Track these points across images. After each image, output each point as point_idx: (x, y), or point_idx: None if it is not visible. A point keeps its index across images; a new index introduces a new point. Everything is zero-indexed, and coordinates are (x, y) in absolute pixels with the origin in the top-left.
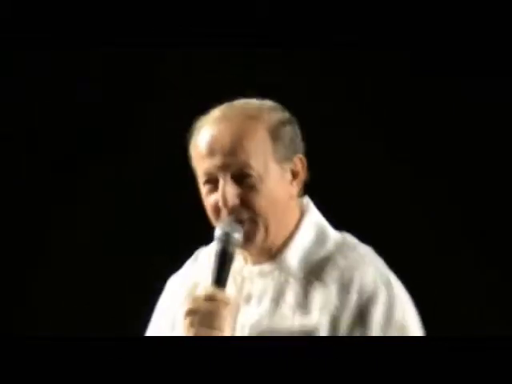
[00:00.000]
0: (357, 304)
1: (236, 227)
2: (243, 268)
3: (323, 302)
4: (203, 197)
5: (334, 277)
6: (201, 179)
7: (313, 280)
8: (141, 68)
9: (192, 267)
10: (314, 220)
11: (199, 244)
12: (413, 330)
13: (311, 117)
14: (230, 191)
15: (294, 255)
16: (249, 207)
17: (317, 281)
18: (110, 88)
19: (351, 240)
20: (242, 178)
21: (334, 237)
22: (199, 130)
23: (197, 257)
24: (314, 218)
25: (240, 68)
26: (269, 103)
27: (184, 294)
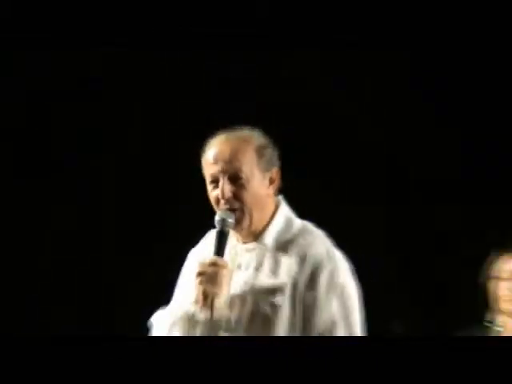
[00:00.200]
0: (310, 271)
1: (230, 214)
2: (236, 246)
3: (288, 269)
4: (209, 192)
5: (295, 252)
6: (208, 180)
7: (281, 254)
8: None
9: (203, 243)
10: (284, 212)
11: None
12: (350, 291)
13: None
14: (226, 188)
15: (269, 237)
16: (239, 200)
17: (284, 255)
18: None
19: (310, 227)
20: (235, 180)
21: (297, 224)
22: (209, 147)
23: (207, 237)
24: (284, 211)
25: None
26: (257, 132)
27: (197, 263)
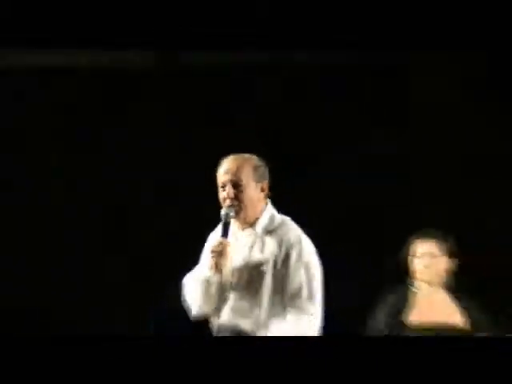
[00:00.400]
0: (285, 251)
1: (231, 209)
2: (236, 232)
3: (270, 250)
4: (219, 194)
5: (276, 238)
6: (219, 186)
7: (267, 239)
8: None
9: (215, 232)
10: (270, 210)
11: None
12: (312, 266)
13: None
14: (230, 191)
15: (259, 227)
16: (238, 200)
17: (268, 239)
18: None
19: (287, 220)
20: (236, 186)
21: (278, 219)
22: (222, 164)
23: (217, 228)
24: (270, 209)
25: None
26: (255, 157)
27: (211, 244)
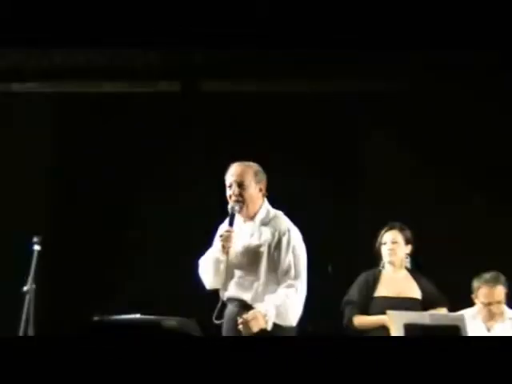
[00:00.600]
0: (277, 239)
1: (236, 204)
2: (240, 223)
3: (266, 238)
4: (227, 192)
5: (270, 228)
6: (227, 186)
7: (263, 229)
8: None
9: (224, 223)
10: (266, 206)
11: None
12: (299, 250)
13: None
14: (236, 190)
15: (257, 219)
16: (242, 197)
17: (265, 229)
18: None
19: (279, 214)
20: (240, 186)
21: (272, 212)
22: (230, 168)
23: (226, 221)
24: (266, 205)
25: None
26: (256, 164)
27: (220, 231)
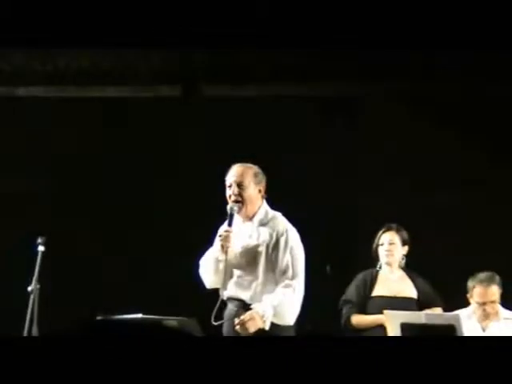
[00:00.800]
0: (275, 239)
1: (235, 205)
2: (239, 223)
3: (264, 238)
4: (227, 192)
5: (269, 229)
6: (227, 186)
7: (262, 229)
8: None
9: (224, 224)
10: (265, 207)
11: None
12: (296, 250)
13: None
14: (235, 190)
15: (256, 219)
16: (241, 197)
17: (263, 229)
18: None
19: (277, 215)
20: (240, 186)
21: (271, 213)
22: (230, 169)
23: (226, 221)
24: (265, 206)
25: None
26: (255, 166)
27: (220, 231)
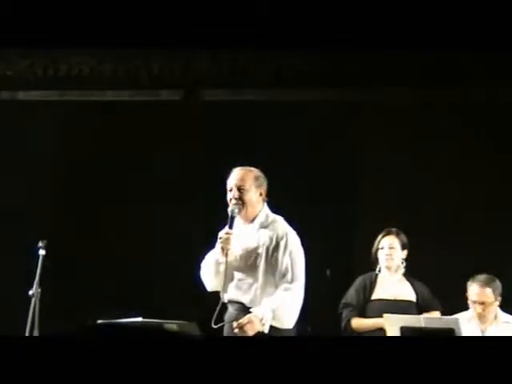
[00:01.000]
0: (275, 242)
1: (236, 207)
2: (240, 226)
3: (264, 240)
4: (227, 195)
5: (269, 232)
6: (228, 189)
7: (262, 232)
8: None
9: (226, 228)
10: (266, 210)
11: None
12: (296, 253)
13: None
14: (236, 193)
15: (257, 222)
16: (241, 200)
17: (263, 232)
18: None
19: (278, 218)
20: (240, 190)
21: (271, 217)
22: (231, 173)
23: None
24: (266, 209)
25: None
26: (256, 169)
27: (221, 234)
